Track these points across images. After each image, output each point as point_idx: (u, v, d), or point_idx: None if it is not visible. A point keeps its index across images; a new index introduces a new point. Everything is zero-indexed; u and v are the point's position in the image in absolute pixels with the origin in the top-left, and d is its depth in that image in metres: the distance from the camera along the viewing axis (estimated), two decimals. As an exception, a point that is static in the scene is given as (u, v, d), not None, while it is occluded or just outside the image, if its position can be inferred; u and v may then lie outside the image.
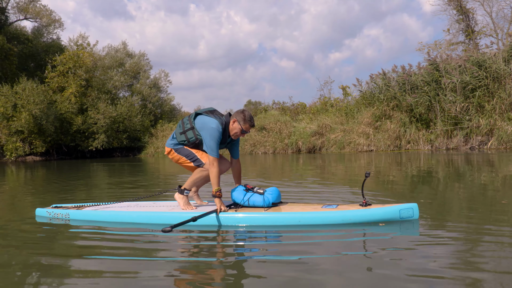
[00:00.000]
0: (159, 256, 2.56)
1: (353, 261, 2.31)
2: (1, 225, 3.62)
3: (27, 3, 28.88)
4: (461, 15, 25.76)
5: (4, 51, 23.31)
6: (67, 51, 25.38)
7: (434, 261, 2.22)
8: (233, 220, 3.30)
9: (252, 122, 3.56)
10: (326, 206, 3.36)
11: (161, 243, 2.86)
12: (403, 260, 2.27)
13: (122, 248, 2.77)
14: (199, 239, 3.02)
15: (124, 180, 9.23)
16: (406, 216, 3.14)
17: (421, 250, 2.46)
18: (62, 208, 3.85)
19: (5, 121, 22.33)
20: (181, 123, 3.70)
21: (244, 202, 3.47)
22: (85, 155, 25.57)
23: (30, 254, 2.64)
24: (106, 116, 24.16)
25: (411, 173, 7.34)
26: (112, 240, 3.00)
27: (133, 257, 2.51)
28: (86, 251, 2.72)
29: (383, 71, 17.48)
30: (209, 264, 2.39)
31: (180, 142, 3.66)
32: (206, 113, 3.58)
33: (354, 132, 16.67)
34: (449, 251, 2.44)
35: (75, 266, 2.38)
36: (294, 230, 3.07)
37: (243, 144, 20.14)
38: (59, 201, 4.68)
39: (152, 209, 3.62)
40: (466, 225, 3.03)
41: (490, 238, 2.63)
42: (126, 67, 29.91)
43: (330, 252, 2.50)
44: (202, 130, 3.49)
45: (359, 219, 3.15)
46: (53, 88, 24.29)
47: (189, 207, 3.58)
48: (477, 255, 2.33)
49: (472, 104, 14.44)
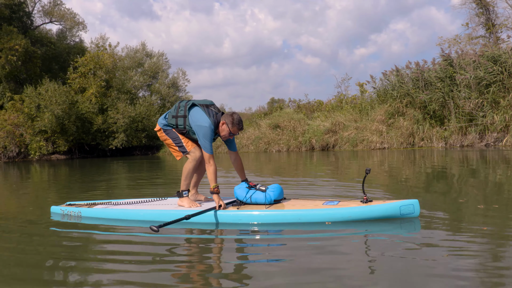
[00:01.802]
0: (157, 253, 2.65)
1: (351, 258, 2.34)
2: (18, 221, 3.89)
3: (52, 6, 29.82)
4: (480, 9, 25.29)
5: (28, 54, 24.19)
6: (88, 53, 26.15)
7: (433, 260, 2.23)
8: (233, 217, 3.35)
9: (240, 126, 3.60)
10: (327, 202, 3.35)
11: (160, 240, 2.94)
12: (402, 259, 2.28)
13: (127, 244, 2.93)
14: (199, 236, 3.12)
15: (142, 175, 9.66)
16: (407, 212, 3.12)
17: (420, 248, 2.47)
18: (75, 206, 4.00)
19: (30, 121, 23.25)
20: (176, 106, 3.73)
21: (246, 199, 3.53)
22: (106, 153, 26.30)
23: (38, 249, 2.82)
24: (125, 115, 24.79)
25: (425, 171, 7.27)
26: (117, 237, 3.16)
27: (135, 256, 2.61)
28: (93, 248, 2.87)
29: (396, 67, 17.39)
30: (206, 260, 2.48)
31: (170, 124, 3.72)
32: (202, 106, 3.61)
33: (367, 130, 16.68)
34: (449, 249, 2.42)
35: (80, 262, 2.50)
36: (295, 227, 3.11)
37: (257, 142, 20.38)
38: (80, 198, 4.90)
39: (159, 207, 3.70)
40: (478, 227, 2.93)
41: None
42: (145, 67, 30.55)
43: (326, 251, 2.51)
44: (196, 127, 3.55)
45: (359, 215, 3.14)
46: (75, 89, 25.07)
47: (194, 205, 3.62)
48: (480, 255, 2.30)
49: (486, 100, 14.28)
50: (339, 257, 2.39)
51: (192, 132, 3.66)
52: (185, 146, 3.69)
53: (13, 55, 23.27)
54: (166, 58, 32.19)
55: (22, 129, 23.47)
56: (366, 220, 3.15)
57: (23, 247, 2.95)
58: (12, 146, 23.56)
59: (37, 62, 25.02)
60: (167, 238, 3.03)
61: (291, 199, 3.67)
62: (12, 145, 23.55)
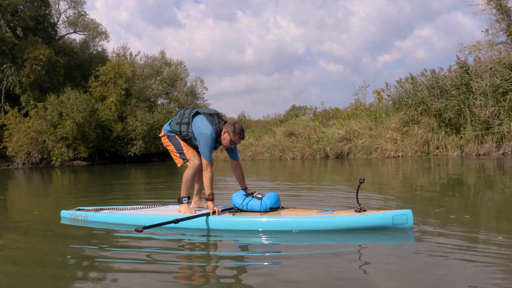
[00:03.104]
0: (149, 257, 2.73)
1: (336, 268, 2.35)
2: (31, 223, 4.16)
3: (77, 17, 30.86)
4: (501, 14, 24.93)
5: (51, 63, 25.04)
6: (109, 62, 26.91)
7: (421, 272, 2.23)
8: (226, 223, 3.42)
9: (242, 135, 3.67)
10: (321, 211, 3.35)
11: (153, 243, 3.10)
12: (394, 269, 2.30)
13: (126, 247, 3.08)
14: (190, 240, 3.23)
15: (159, 181, 9.93)
16: (399, 222, 3.08)
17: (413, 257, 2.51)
18: (82, 210, 4.21)
19: (52, 128, 24.02)
20: (181, 113, 3.84)
21: (242, 206, 3.58)
22: (125, 160, 26.88)
23: (44, 249, 3.05)
24: (143, 123, 25.33)
25: (440, 181, 7.15)
26: (119, 241, 3.32)
27: (134, 259, 2.71)
28: (94, 250, 3.01)
29: (410, 75, 17.32)
30: (193, 263, 2.59)
31: (173, 130, 3.84)
32: (205, 114, 3.70)
33: (382, 138, 16.62)
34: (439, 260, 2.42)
35: (80, 263, 2.65)
36: (287, 235, 3.13)
37: (272, 150, 20.52)
38: (95, 203, 5.12)
39: (162, 212, 3.83)
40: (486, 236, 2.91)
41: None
42: (164, 75, 31.16)
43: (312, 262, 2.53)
44: (198, 134, 3.64)
45: (352, 225, 3.13)
46: (96, 97, 25.80)
47: (191, 212, 3.72)
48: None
49: (503, 108, 14.09)
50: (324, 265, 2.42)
51: (194, 139, 3.75)
52: (186, 154, 3.80)
53: (37, 65, 24.14)
54: (185, 66, 32.77)
55: (45, 136, 24.27)
56: (359, 229, 3.13)
57: (30, 246, 3.19)
58: (35, 152, 24.38)
59: (60, 71, 25.85)
60: (160, 241, 3.19)
61: (288, 207, 3.69)
62: (35, 151, 24.38)
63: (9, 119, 24.80)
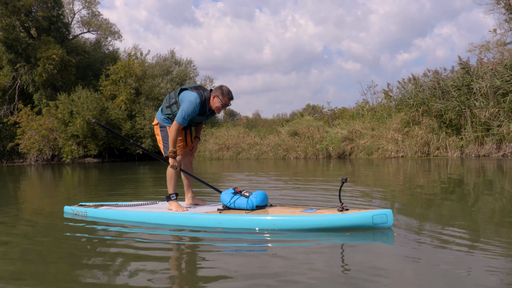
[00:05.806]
0: (137, 254, 2.79)
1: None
2: (37, 217, 4.38)
3: (90, 17, 31.51)
4: (510, 14, 24.88)
5: (64, 63, 25.70)
6: (119, 62, 27.47)
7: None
8: (212, 221, 3.47)
9: (230, 95, 3.71)
10: (305, 210, 3.36)
11: (144, 241, 3.18)
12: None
13: (119, 242, 3.15)
14: (175, 237, 3.30)
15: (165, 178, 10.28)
16: (379, 222, 3.07)
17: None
18: (84, 206, 4.35)
19: (63, 126, 24.70)
20: (168, 97, 3.89)
21: (230, 204, 3.62)
22: (134, 157, 27.45)
23: (42, 244, 3.18)
24: (152, 121, 25.84)
25: (439, 181, 7.06)
26: (114, 236, 3.37)
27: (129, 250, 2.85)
28: (90, 245, 3.11)
29: (413, 75, 17.48)
30: (169, 260, 2.66)
31: (166, 115, 3.86)
32: (190, 88, 3.76)
33: (383, 138, 16.80)
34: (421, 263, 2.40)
35: (78, 259, 2.71)
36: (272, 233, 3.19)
37: (276, 149, 20.81)
38: (102, 200, 5.31)
39: (159, 209, 3.91)
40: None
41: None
42: (173, 75, 31.61)
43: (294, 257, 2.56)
44: (182, 103, 3.70)
45: (332, 224, 3.13)
46: (106, 95, 26.39)
47: (181, 208, 3.75)
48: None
49: (503, 109, 14.22)
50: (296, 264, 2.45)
51: None
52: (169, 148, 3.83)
53: (50, 64, 24.82)
54: (194, 65, 33.13)
55: (56, 134, 24.96)
56: (340, 228, 3.14)
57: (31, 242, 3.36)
58: (46, 149, 25.10)
59: (71, 70, 26.50)
60: (149, 238, 3.31)
61: (276, 205, 3.73)
62: (46, 148, 25.09)
63: (22, 117, 25.54)
